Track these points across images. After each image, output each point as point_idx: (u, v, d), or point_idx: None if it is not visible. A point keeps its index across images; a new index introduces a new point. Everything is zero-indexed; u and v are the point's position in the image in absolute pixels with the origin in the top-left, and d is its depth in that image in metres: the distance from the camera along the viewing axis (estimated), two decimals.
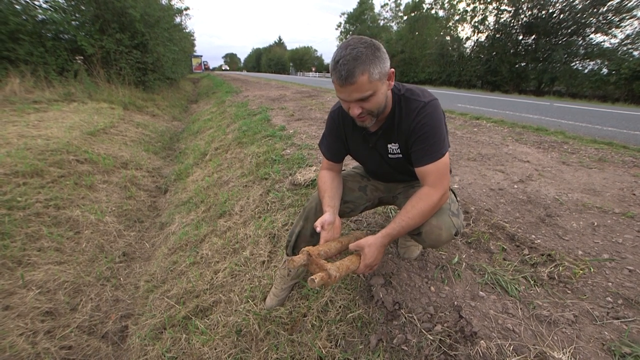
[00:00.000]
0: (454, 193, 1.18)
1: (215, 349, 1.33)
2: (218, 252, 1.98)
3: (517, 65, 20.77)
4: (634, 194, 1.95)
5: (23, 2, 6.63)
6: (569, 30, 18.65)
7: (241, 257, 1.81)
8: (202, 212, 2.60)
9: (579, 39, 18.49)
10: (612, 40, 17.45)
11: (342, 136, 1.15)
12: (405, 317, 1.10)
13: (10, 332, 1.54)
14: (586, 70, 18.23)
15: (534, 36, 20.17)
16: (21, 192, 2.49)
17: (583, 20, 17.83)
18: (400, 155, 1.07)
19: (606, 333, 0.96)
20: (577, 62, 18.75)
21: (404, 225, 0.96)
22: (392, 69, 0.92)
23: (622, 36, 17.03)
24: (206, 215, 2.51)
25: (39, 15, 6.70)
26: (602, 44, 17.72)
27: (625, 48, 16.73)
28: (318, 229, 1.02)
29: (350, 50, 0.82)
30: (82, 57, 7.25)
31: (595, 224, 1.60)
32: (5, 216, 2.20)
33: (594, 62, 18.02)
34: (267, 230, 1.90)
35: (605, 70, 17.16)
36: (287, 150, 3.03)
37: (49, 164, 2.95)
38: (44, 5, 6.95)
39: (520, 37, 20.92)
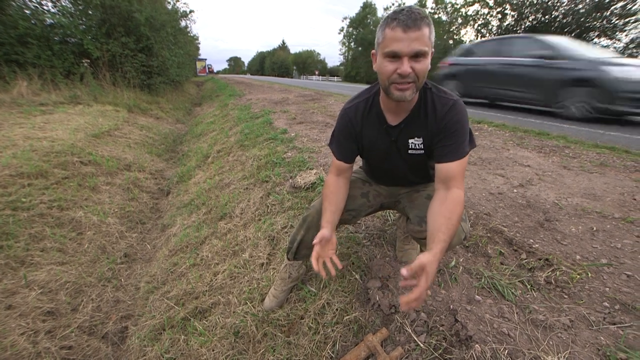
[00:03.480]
0: None
1: (213, 350, 1.34)
2: (218, 254, 2.00)
3: None
4: (635, 199, 1.94)
5: (32, 7, 6.78)
6: (573, 34, 18.58)
7: (240, 259, 1.82)
8: (203, 214, 2.62)
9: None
10: (617, 45, 17.38)
11: (355, 134, 1.09)
12: (400, 321, 1.11)
13: (12, 331, 1.56)
14: None
15: None
16: (26, 193, 2.53)
17: (587, 24, 17.78)
18: (422, 151, 1.04)
19: (602, 338, 0.96)
20: None
21: (451, 234, 0.86)
22: (433, 49, 0.88)
23: (627, 40, 16.96)
24: (207, 218, 2.54)
25: (48, 20, 6.83)
26: (607, 48, 17.65)
27: (630, 52, 16.65)
28: (315, 242, 0.99)
29: (411, 7, 0.83)
30: (88, 60, 7.37)
31: (595, 228, 1.59)
32: (9, 217, 2.24)
33: None
34: (266, 233, 1.92)
35: None
36: (288, 153, 3.05)
37: (53, 166, 2.99)
38: (53, 10, 7.10)
39: None
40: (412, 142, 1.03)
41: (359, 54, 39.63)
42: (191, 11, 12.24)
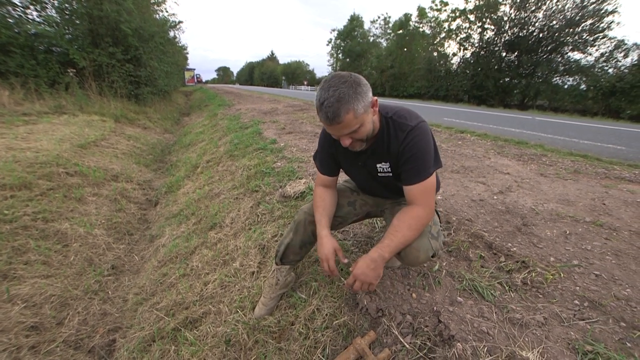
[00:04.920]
0: (438, 215, 1.23)
1: None
2: (208, 264, 2.00)
3: (501, 81, 21.65)
4: (604, 204, 2.07)
5: (16, 15, 6.68)
6: (549, 48, 19.65)
7: (231, 268, 1.83)
8: (192, 224, 2.62)
9: (558, 56, 19.50)
10: (588, 58, 18.49)
11: (333, 153, 1.20)
12: (387, 324, 1.15)
13: None
14: (566, 86, 19.17)
15: (516, 53, 21.15)
16: (8, 205, 2.47)
17: (561, 39, 18.84)
18: (390, 174, 1.12)
19: (572, 333, 1.03)
20: (558, 78, 19.71)
21: (396, 240, 1.00)
22: (375, 98, 0.97)
23: (598, 54, 18.07)
24: (197, 228, 2.54)
25: (32, 29, 6.74)
26: (580, 61, 18.73)
27: (600, 65, 17.71)
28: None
29: (333, 92, 0.86)
30: (74, 70, 7.28)
31: (568, 232, 1.70)
32: None
33: (572, 78, 18.99)
34: (257, 242, 1.94)
35: (583, 86, 18.07)
36: (277, 163, 3.10)
37: (37, 177, 2.94)
38: (37, 19, 7.01)
39: (504, 54, 21.91)
40: (379, 166, 1.13)
41: (347, 65, 40.46)
42: (180, 22, 12.34)
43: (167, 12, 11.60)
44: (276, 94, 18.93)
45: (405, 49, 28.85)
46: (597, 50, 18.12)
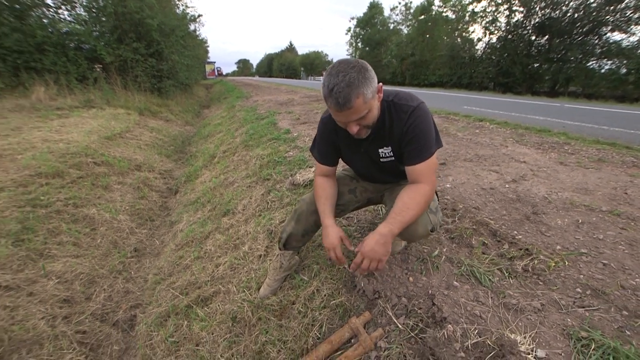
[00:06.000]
0: (435, 193, 1.24)
1: (212, 334, 1.45)
2: (220, 248, 2.11)
3: (529, 66, 20.35)
4: (626, 193, 1.96)
5: (50, 16, 7.10)
6: (584, 29, 18.15)
7: (240, 251, 1.93)
8: (208, 211, 2.75)
9: (595, 37, 17.97)
10: (631, 39, 16.88)
11: (334, 141, 1.21)
12: (382, 305, 1.19)
13: (33, 315, 1.70)
14: (603, 70, 17.68)
15: (547, 36, 19.74)
16: (44, 191, 2.71)
17: (600, 19, 17.33)
18: (393, 158, 1.13)
19: (569, 320, 1.02)
20: (594, 61, 18.20)
21: (405, 215, 0.99)
22: (380, 83, 0.98)
23: None
24: (212, 214, 2.66)
25: (64, 28, 7.14)
26: (621, 42, 17.16)
27: None
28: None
29: (342, 77, 0.86)
30: (101, 66, 7.67)
31: (580, 221, 1.64)
32: (29, 213, 2.41)
33: (611, 61, 17.46)
34: (265, 227, 2.02)
35: (624, 70, 16.61)
36: (290, 152, 3.16)
37: (69, 166, 3.18)
38: (68, 18, 7.42)
39: (533, 38, 20.51)
40: (382, 151, 1.13)
41: (366, 54, 39.55)
42: (199, 15, 12.56)
43: (186, 5, 11.84)
44: (294, 85, 18.94)
45: (427, 36, 27.69)
46: None
